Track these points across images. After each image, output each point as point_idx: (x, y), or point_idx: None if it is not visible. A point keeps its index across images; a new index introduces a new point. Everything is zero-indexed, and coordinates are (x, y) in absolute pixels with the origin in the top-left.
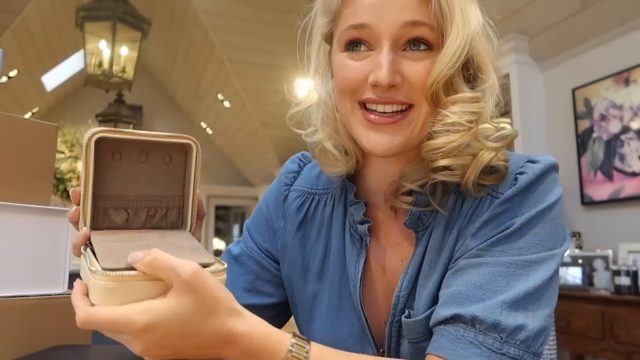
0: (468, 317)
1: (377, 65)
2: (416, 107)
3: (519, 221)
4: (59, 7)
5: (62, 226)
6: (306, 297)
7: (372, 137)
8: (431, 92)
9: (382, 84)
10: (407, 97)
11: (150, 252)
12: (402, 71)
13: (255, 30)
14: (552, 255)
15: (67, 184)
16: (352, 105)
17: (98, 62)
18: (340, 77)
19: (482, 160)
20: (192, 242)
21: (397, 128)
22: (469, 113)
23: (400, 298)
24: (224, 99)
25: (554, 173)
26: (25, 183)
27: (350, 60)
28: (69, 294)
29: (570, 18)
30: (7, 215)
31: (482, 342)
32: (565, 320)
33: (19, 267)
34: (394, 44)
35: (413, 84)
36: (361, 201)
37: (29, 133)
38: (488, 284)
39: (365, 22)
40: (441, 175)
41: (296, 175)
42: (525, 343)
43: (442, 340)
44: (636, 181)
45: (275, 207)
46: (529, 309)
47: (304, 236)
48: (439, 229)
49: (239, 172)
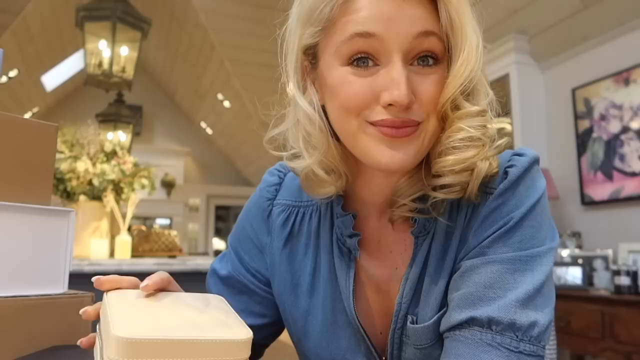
0: (484, 320)
1: (392, 83)
2: (424, 122)
3: (516, 215)
4: (59, 7)
5: (62, 226)
6: (299, 313)
7: (387, 152)
8: (442, 110)
9: (401, 104)
10: (418, 115)
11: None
12: (414, 88)
13: (255, 30)
14: (549, 249)
15: (67, 184)
16: (360, 124)
17: (98, 62)
18: (345, 96)
19: (480, 174)
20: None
21: (410, 143)
22: (479, 127)
23: (402, 305)
24: (224, 99)
25: (537, 164)
26: (25, 183)
27: (355, 76)
28: (69, 294)
29: (570, 18)
30: (7, 215)
31: (500, 342)
32: (565, 320)
33: (19, 267)
34: (404, 58)
35: (424, 101)
36: (349, 214)
37: (29, 133)
38: (497, 282)
39: (374, 31)
40: (441, 193)
41: (277, 187)
42: (538, 338)
43: (460, 346)
44: (636, 181)
45: (259, 224)
46: (537, 305)
47: (291, 252)
48: (440, 233)
49: (239, 172)
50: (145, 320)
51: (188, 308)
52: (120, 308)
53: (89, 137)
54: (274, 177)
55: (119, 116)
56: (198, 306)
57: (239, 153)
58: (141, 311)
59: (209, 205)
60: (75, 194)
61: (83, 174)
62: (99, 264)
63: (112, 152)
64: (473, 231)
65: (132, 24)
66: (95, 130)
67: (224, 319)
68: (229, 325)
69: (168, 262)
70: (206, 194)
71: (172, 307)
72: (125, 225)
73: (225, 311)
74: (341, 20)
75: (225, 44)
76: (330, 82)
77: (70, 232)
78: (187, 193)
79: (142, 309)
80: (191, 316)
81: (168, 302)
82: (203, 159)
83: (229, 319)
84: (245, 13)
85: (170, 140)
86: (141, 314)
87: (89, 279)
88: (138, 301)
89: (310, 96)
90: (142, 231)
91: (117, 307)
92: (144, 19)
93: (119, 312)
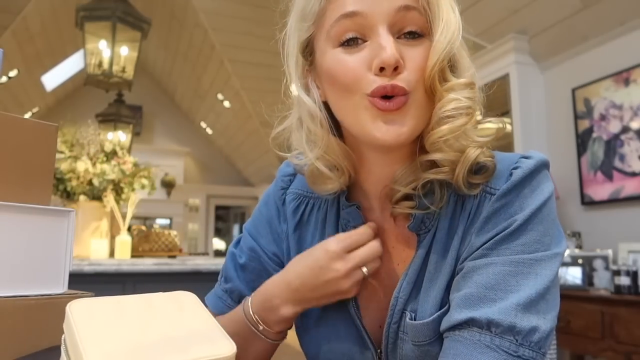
0: (483, 321)
1: (380, 48)
2: (412, 94)
3: (520, 218)
4: (59, 7)
5: (62, 226)
6: None
7: (383, 127)
8: (429, 80)
9: (389, 63)
10: (407, 83)
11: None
12: (401, 55)
13: (255, 30)
14: (556, 255)
15: (67, 184)
16: (360, 98)
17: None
18: (341, 73)
19: (470, 157)
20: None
21: (403, 116)
22: (467, 98)
23: (399, 299)
24: (224, 99)
25: (545, 169)
26: (25, 183)
27: (347, 54)
28: (69, 294)
29: (570, 18)
30: (7, 215)
31: (499, 345)
32: (565, 320)
33: (19, 267)
34: (390, 30)
35: (412, 69)
36: (353, 204)
37: (29, 133)
38: (499, 284)
39: (357, 9)
40: (431, 173)
41: (292, 178)
42: (539, 344)
43: (458, 346)
44: (636, 181)
45: (277, 211)
46: (540, 311)
47: (300, 238)
48: (442, 231)
49: (239, 172)
50: (119, 342)
51: (162, 318)
52: (89, 330)
53: (89, 137)
54: (290, 167)
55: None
56: (172, 314)
57: (239, 153)
58: (112, 329)
59: (209, 205)
60: (75, 194)
61: (83, 174)
62: (99, 264)
63: (112, 152)
64: (476, 231)
65: (132, 24)
66: (95, 130)
67: (203, 329)
68: (210, 338)
69: (168, 262)
70: (206, 194)
71: (144, 318)
72: (125, 225)
73: (202, 317)
74: (329, 8)
75: (225, 44)
76: (327, 65)
77: (70, 232)
78: (187, 193)
79: (112, 326)
80: (168, 329)
81: (140, 312)
82: (203, 159)
83: (208, 328)
84: (245, 13)
85: (170, 140)
86: (113, 333)
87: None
88: (107, 315)
89: (312, 94)
90: (142, 231)
91: (86, 328)
92: (144, 19)
93: (88, 335)
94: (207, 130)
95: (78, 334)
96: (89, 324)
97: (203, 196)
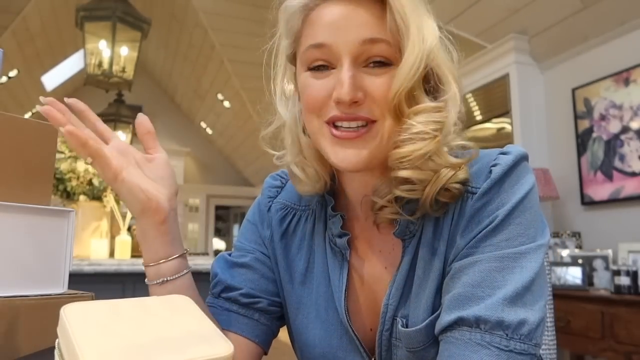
0: (472, 319)
1: (339, 82)
2: (379, 122)
3: (501, 213)
4: (59, 7)
5: (62, 226)
6: (292, 309)
7: (340, 153)
8: (394, 105)
9: (344, 100)
10: (370, 112)
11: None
12: (364, 86)
13: (255, 30)
14: (540, 246)
15: (67, 184)
16: (319, 123)
17: (98, 62)
18: (306, 96)
19: (442, 179)
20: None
21: (363, 142)
22: (433, 122)
23: (389, 306)
24: (224, 99)
25: (524, 162)
26: (25, 183)
27: (313, 79)
28: (69, 294)
29: (570, 18)
30: (7, 215)
31: (490, 341)
32: (565, 320)
33: (19, 267)
34: (354, 61)
35: (375, 99)
36: (338, 214)
37: (29, 133)
38: (485, 281)
39: (324, 41)
40: (401, 189)
41: (279, 189)
42: (529, 336)
43: (450, 347)
44: (636, 181)
45: (261, 218)
46: (527, 303)
47: (286, 247)
48: (427, 235)
49: (239, 172)
50: (116, 343)
51: (158, 320)
52: (85, 331)
53: None
54: (277, 180)
55: (119, 116)
56: (168, 316)
57: (239, 153)
58: (108, 331)
59: (209, 205)
60: (75, 194)
61: (83, 174)
62: (99, 264)
63: None
64: (460, 233)
65: (132, 24)
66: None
67: (199, 330)
68: (206, 338)
69: None
70: (206, 194)
71: (140, 320)
72: (125, 225)
73: (198, 318)
74: (304, 33)
75: (225, 44)
76: (300, 85)
77: (70, 232)
78: (187, 193)
79: (108, 327)
80: (164, 331)
81: (135, 314)
82: (203, 159)
83: (204, 329)
84: (245, 13)
85: (170, 140)
86: (109, 334)
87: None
88: (102, 317)
89: (294, 101)
90: None
91: (81, 330)
92: (144, 19)
93: (84, 336)
94: (207, 130)
95: (73, 335)
96: (84, 325)
97: (203, 196)
